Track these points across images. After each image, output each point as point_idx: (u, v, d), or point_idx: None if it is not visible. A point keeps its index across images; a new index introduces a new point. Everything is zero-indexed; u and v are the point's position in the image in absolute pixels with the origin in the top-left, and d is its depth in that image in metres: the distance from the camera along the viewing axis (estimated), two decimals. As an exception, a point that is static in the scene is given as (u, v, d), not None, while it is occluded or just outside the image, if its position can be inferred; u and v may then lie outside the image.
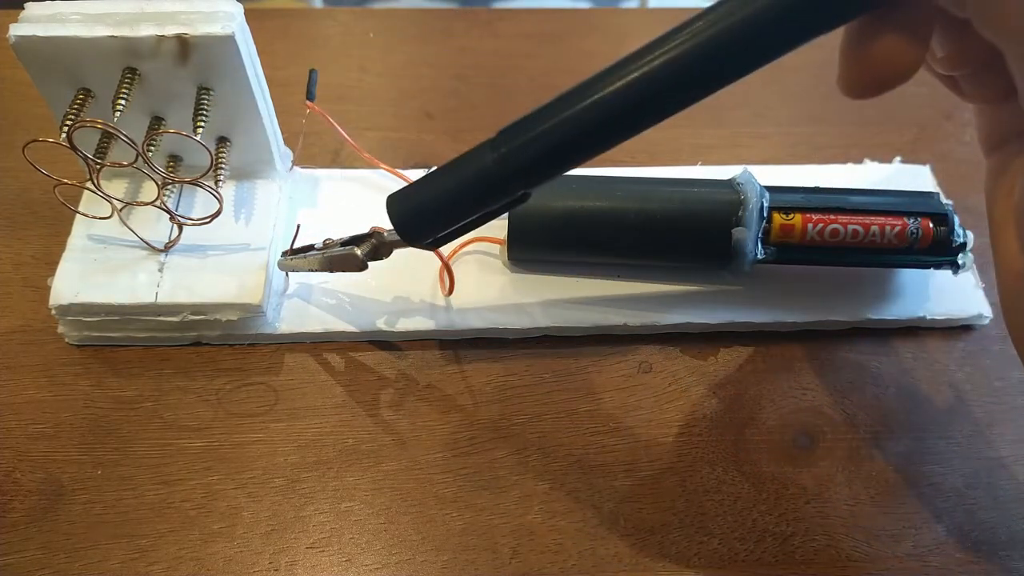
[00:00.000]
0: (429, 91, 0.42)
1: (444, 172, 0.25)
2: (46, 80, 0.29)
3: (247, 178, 0.34)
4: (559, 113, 0.22)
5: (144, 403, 0.30)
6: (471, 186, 0.24)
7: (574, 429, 0.30)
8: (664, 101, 0.21)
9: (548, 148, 0.22)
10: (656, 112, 0.21)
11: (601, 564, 0.28)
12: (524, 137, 0.22)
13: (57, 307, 0.30)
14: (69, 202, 0.31)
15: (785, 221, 0.32)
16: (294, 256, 0.31)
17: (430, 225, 0.26)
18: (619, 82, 0.21)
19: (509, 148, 0.23)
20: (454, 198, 0.24)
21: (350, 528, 0.28)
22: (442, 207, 0.25)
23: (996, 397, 0.32)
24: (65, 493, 0.28)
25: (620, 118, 0.21)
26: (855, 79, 0.21)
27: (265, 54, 0.31)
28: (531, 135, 0.22)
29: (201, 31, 0.28)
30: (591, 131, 0.22)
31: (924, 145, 0.40)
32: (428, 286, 0.33)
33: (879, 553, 0.28)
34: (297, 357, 0.32)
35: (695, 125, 0.41)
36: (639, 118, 0.21)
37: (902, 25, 0.20)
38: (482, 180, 0.23)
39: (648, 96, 0.21)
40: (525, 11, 0.47)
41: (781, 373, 0.32)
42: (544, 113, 0.22)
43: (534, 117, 0.22)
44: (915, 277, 0.34)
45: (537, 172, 0.23)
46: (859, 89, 0.21)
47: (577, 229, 0.32)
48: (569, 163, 0.23)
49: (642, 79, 0.21)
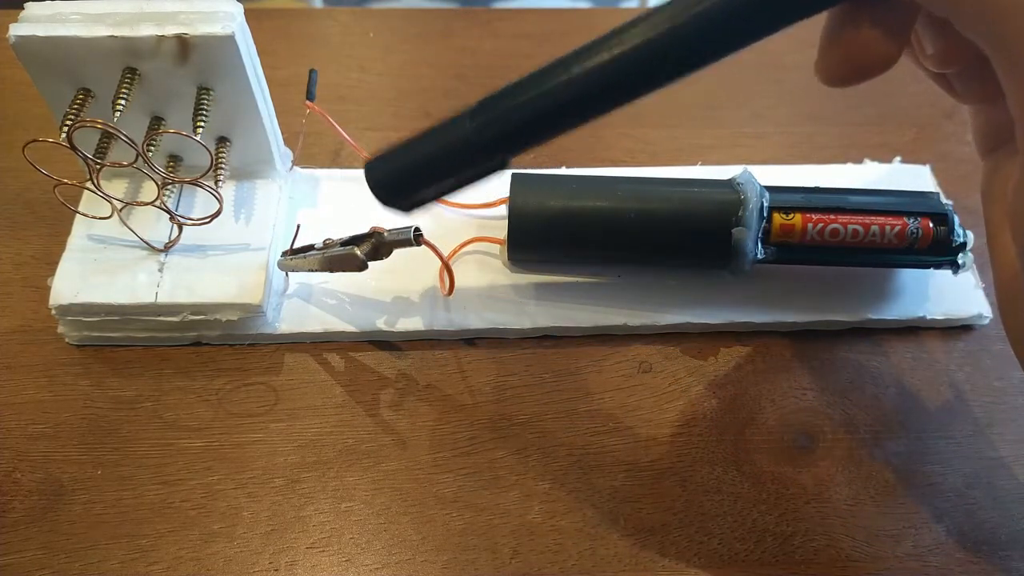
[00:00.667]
0: (429, 91, 0.42)
1: (423, 138, 0.25)
2: (46, 80, 0.29)
3: (247, 178, 0.34)
4: (535, 88, 0.23)
5: (144, 403, 0.30)
6: (449, 153, 0.25)
7: (574, 429, 0.30)
8: (637, 83, 0.22)
9: (523, 122, 0.23)
10: (629, 92, 0.22)
11: (601, 564, 0.28)
12: (501, 108, 0.23)
13: (57, 307, 0.30)
14: (69, 202, 0.31)
15: (785, 221, 0.32)
16: (294, 256, 0.31)
17: (407, 188, 0.26)
18: (595, 60, 0.21)
19: (487, 118, 0.23)
20: (432, 163, 0.25)
21: (350, 528, 0.28)
22: (420, 171, 0.26)
23: (996, 397, 0.32)
24: (65, 493, 0.28)
25: (595, 96, 0.22)
26: (832, 67, 0.21)
27: (265, 54, 0.31)
28: (508, 107, 0.23)
29: (201, 31, 0.28)
30: (566, 107, 0.22)
31: (924, 145, 0.40)
32: (428, 286, 0.33)
33: (879, 553, 0.28)
34: (297, 357, 0.32)
35: (695, 125, 0.41)
36: (613, 97, 0.22)
37: (880, 17, 0.20)
38: (461, 147, 0.24)
39: (622, 76, 0.21)
40: (525, 11, 0.47)
41: (781, 373, 0.32)
42: (521, 87, 0.23)
43: (512, 90, 0.23)
44: (915, 277, 0.34)
45: (514, 143, 0.24)
46: (835, 78, 0.21)
47: (577, 229, 0.32)
48: (543, 137, 0.23)
49: (617, 59, 0.21)
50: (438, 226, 0.35)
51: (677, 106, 0.42)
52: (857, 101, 0.42)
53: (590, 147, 0.40)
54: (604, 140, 0.40)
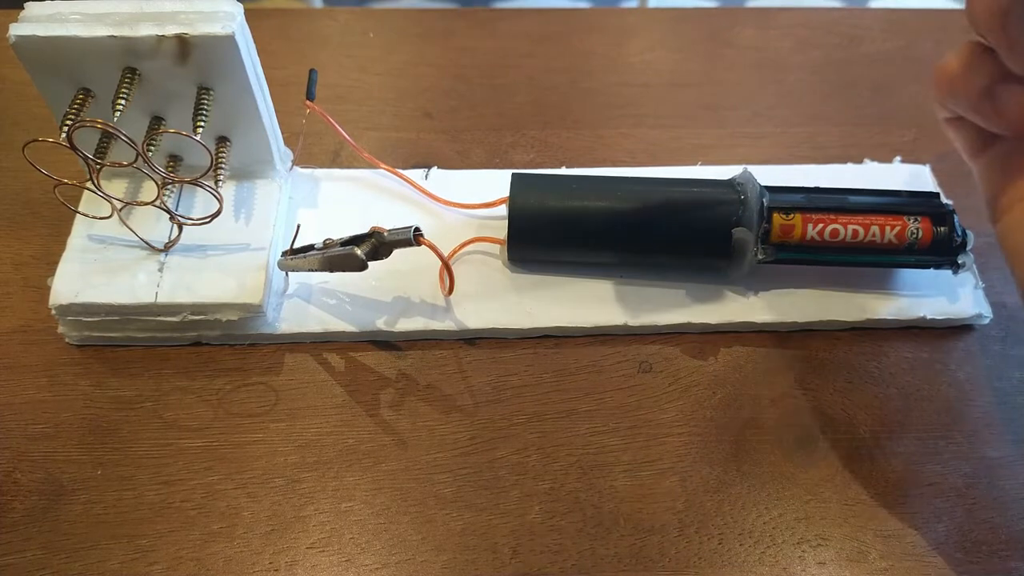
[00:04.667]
0: (429, 91, 0.42)
1: None
2: (46, 80, 0.29)
3: (247, 178, 0.34)
4: None
5: (144, 403, 0.30)
6: None
7: (574, 429, 0.30)
8: None
9: None
10: None
11: (601, 564, 0.28)
12: None
13: (57, 307, 0.30)
14: (69, 202, 0.31)
15: (785, 221, 0.32)
16: (294, 256, 0.31)
17: None
18: None
19: None
20: None
21: (350, 528, 0.28)
22: None
23: (996, 397, 0.32)
24: (65, 493, 0.28)
25: None
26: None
27: (265, 54, 0.31)
28: None
29: (201, 31, 0.28)
30: None
31: (924, 145, 0.40)
32: (428, 286, 0.33)
33: (879, 553, 0.28)
34: (297, 357, 0.32)
35: (695, 125, 0.41)
36: None
37: None
38: None
39: None
40: (525, 11, 0.47)
41: (781, 373, 0.32)
42: None
43: None
44: (915, 277, 0.34)
45: None
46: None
47: (577, 229, 0.32)
48: None
49: None
50: (438, 226, 0.35)
51: (677, 106, 0.42)
52: (857, 101, 0.42)
53: (590, 147, 0.40)
54: (604, 140, 0.40)
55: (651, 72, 0.43)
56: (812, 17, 0.46)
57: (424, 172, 0.37)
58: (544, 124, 0.41)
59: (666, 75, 0.43)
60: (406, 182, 0.36)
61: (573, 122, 0.41)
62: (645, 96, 0.42)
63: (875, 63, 0.44)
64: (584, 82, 0.42)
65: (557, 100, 0.42)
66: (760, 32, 0.45)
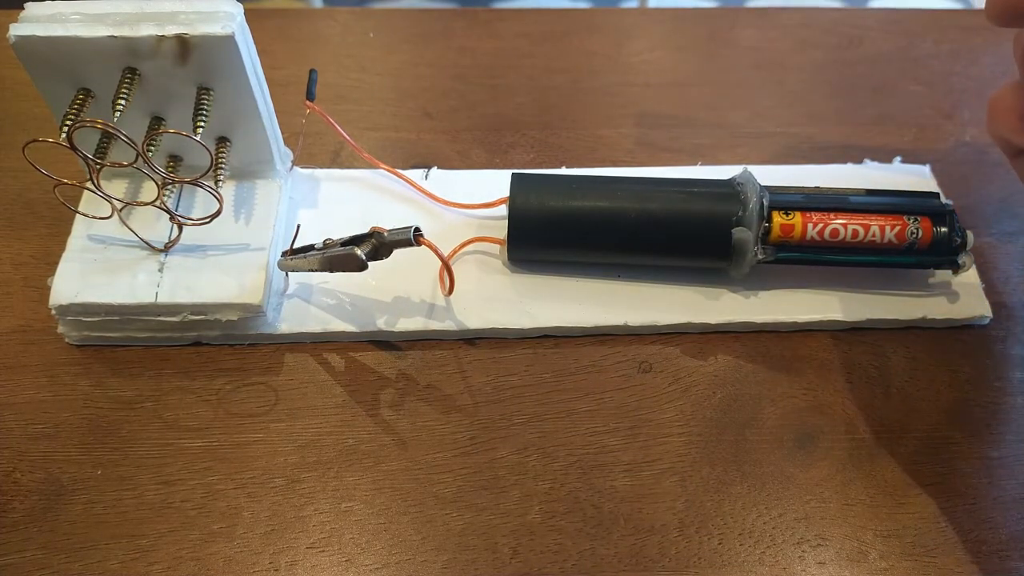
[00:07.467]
0: (429, 91, 0.42)
1: None
2: (46, 80, 0.29)
3: (247, 178, 0.34)
4: None
5: (144, 403, 0.30)
6: None
7: (574, 429, 0.30)
8: None
9: None
10: None
11: (601, 564, 0.28)
12: None
13: (57, 307, 0.30)
14: (69, 202, 0.31)
15: (785, 221, 0.32)
16: (294, 256, 0.31)
17: None
18: None
19: None
20: None
21: (350, 528, 0.28)
22: None
23: (996, 397, 0.32)
24: (65, 493, 0.28)
25: None
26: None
27: (265, 54, 0.31)
28: None
29: (201, 31, 0.28)
30: None
31: (924, 145, 0.40)
32: (428, 286, 0.33)
33: (879, 553, 0.28)
34: (297, 357, 0.32)
35: (695, 125, 0.41)
36: None
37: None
38: None
39: None
40: (525, 11, 0.47)
41: (781, 373, 0.32)
42: None
43: None
44: (915, 277, 0.34)
45: None
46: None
47: (577, 229, 0.32)
48: None
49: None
50: (438, 226, 0.35)
51: (677, 106, 0.42)
52: (857, 101, 0.42)
53: (590, 147, 0.40)
54: (604, 140, 0.40)
55: (651, 72, 0.43)
56: (812, 17, 0.46)
57: (424, 172, 0.37)
58: (544, 124, 0.41)
59: (666, 75, 0.43)
60: (406, 182, 0.36)
61: (573, 122, 0.41)
62: (645, 96, 0.42)
63: (875, 63, 0.44)
64: (584, 82, 0.42)
65: (557, 100, 0.42)
66: (760, 32, 0.45)
